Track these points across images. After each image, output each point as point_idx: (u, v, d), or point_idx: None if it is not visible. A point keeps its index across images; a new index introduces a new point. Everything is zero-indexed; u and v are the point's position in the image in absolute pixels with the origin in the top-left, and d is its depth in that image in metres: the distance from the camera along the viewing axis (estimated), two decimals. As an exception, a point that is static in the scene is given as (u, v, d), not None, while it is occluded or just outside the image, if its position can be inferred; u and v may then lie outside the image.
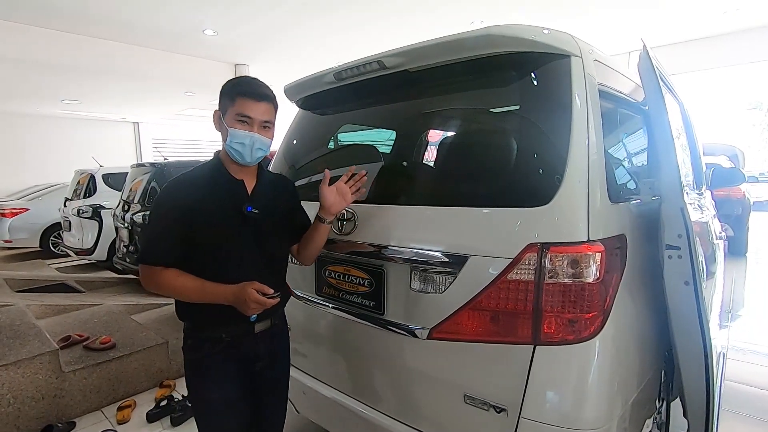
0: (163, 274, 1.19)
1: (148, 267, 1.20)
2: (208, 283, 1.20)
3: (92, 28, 6.32)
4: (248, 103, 1.20)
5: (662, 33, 7.67)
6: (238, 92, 1.21)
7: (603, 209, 1.12)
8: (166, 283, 1.19)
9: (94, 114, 11.70)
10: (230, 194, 1.25)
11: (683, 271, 1.22)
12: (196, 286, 1.20)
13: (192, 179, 1.26)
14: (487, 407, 1.16)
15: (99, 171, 6.45)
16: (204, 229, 1.20)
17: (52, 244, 7.64)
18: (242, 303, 1.16)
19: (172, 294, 1.22)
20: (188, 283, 1.20)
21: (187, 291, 1.20)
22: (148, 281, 1.22)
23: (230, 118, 1.21)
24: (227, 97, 1.23)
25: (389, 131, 2.00)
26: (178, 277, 1.20)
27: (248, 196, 1.28)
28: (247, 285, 1.16)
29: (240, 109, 1.20)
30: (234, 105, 1.20)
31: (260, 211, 1.25)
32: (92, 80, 7.81)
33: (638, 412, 1.28)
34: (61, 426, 2.30)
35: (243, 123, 1.20)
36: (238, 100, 1.20)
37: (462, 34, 1.26)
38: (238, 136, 1.21)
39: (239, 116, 1.20)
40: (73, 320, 3.38)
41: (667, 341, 1.38)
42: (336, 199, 1.34)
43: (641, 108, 1.65)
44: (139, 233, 4.73)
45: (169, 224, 1.19)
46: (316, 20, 6.38)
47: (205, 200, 1.21)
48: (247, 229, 1.26)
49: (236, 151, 1.22)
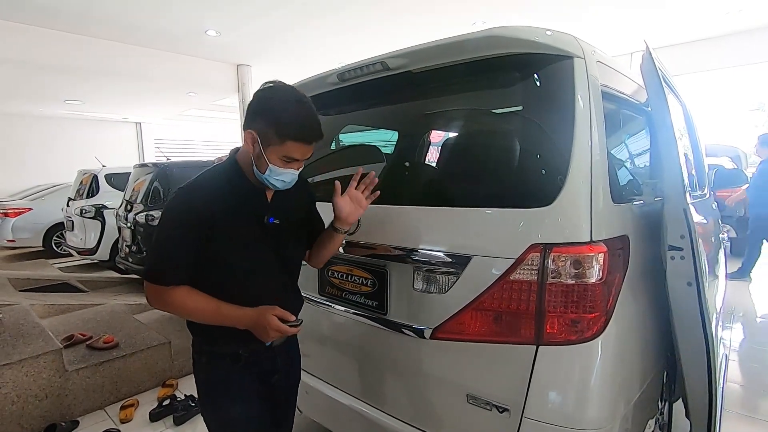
0: (174, 293, 1.08)
1: (155, 287, 1.08)
2: (224, 305, 1.10)
3: (95, 28, 6.35)
4: (300, 148, 1.08)
5: (665, 34, 7.66)
6: (291, 135, 1.05)
7: (606, 210, 1.12)
8: (176, 303, 1.08)
9: (96, 114, 11.74)
10: (250, 203, 1.15)
11: (686, 272, 1.22)
12: (210, 308, 1.09)
13: (208, 186, 1.12)
14: (490, 407, 1.16)
15: (102, 171, 6.48)
16: (223, 243, 1.08)
17: (54, 244, 7.67)
18: (261, 330, 1.09)
19: (183, 315, 1.11)
20: (202, 303, 1.09)
21: (201, 313, 1.10)
22: (156, 300, 1.10)
23: (274, 155, 1.07)
24: (275, 131, 1.05)
25: (392, 132, 2.01)
26: (190, 296, 1.09)
27: (269, 204, 1.18)
28: (267, 311, 1.08)
29: (289, 153, 1.07)
30: (283, 146, 1.06)
31: (281, 221, 1.17)
32: (95, 81, 7.83)
33: (640, 412, 1.28)
34: (64, 425, 2.31)
35: (288, 163, 1.09)
36: (290, 144, 1.06)
37: (465, 35, 1.26)
38: (280, 174, 1.10)
39: (286, 158, 1.08)
40: (76, 320, 3.39)
41: (669, 342, 1.38)
42: (351, 208, 1.26)
43: (644, 109, 1.65)
44: (141, 233, 4.75)
45: (183, 238, 1.06)
46: (318, 21, 6.40)
47: (224, 210, 1.08)
48: (267, 241, 1.16)
49: (272, 184, 1.11)
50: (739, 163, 6.40)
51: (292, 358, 1.37)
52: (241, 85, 8.74)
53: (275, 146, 1.06)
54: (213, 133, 14.94)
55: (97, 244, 5.97)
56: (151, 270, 1.08)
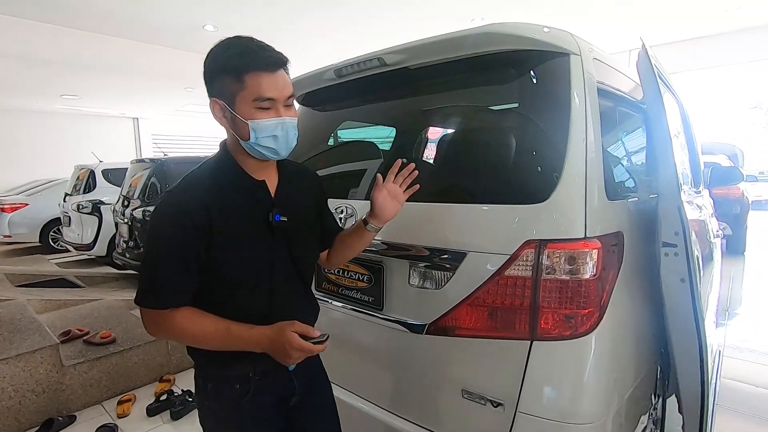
0: (173, 318, 0.91)
1: (150, 312, 0.92)
2: (234, 325, 0.92)
3: (92, 23, 6.30)
4: (264, 80, 0.88)
5: (663, 31, 7.66)
6: (245, 67, 0.87)
7: (600, 207, 1.13)
8: (177, 328, 0.91)
9: (93, 109, 11.68)
10: (252, 201, 0.98)
11: (679, 269, 1.23)
12: (218, 330, 0.92)
13: (200, 185, 0.95)
14: (485, 402, 1.17)
15: (99, 166, 6.46)
16: (224, 249, 0.92)
17: (51, 240, 7.65)
18: (281, 351, 0.90)
19: (186, 342, 0.95)
20: (208, 326, 0.92)
21: (208, 338, 0.92)
22: (153, 327, 0.93)
23: (244, 106, 0.89)
24: (229, 76, 0.88)
25: (389, 128, 2.01)
26: (193, 319, 0.92)
27: (272, 199, 1.01)
28: (287, 327, 0.90)
29: (257, 92, 0.88)
30: (245, 87, 0.88)
31: (288, 218, 0.99)
32: (92, 76, 7.79)
33: (634, 407, 1.29)
34: (61, 419, 2.31)
35: (265, 110, 0.90)
36: (250, 79, 0.87)
37: (462, 31, 1.26)
38: (265, 128, 0.90)
39: (258, 101, 0.88)
40: (73, 315, 3.39)
41: (663, 338, 1.39)
42: (389, 203, 1.11)
43: (640, 106, 1.66)
44: (139, 229, 4.74)
45: (176, 250, 0.89)
46: (316, 17, 6.38)
47: (221, 211, 0.91)
48: (276, 243, 0.99)
49: (268, 148, 0.93)
50: (736, 161, 6.43)
51: (313, 376, 1.16)
52: (238, 80, 8.71)
53: (239, 93, 0.88)
54: (211, 128, 14.87)
55: (94, 239, 5.97)
56: (142, 292, 0.90)
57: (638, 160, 1.73)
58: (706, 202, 2.51)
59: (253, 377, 1.00)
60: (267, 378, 1.02)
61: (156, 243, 0.92)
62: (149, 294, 0.91)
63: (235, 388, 1.00)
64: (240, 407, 1.01)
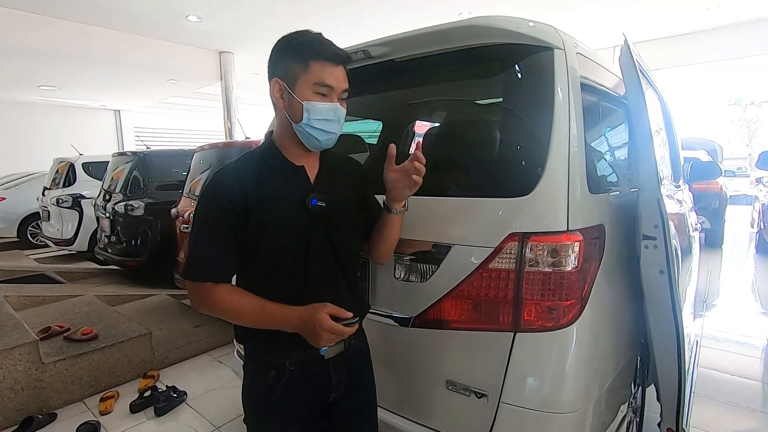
0: (215, 292, 0.96)
1: (195, 284, 0.97)
2: (269, 303, 0.96)
3: (70, 11, 6.12)
4: (327, 69, 0.95)
5: (646, 28, 7.78)
6: (312, 54, 0.94)
7: (583, 200, 1.14)
8: (218, 302, 0.96)
9: (73, 101, 11.38)
10: (290, 185, 1.01)
11: (658, 261, 1.26)
12: (254, 307, 0.96)
13: (242, 168, 1.01)
14: (469, 393, 1.18)
15: (79, 159, 6.30)
16: (262, 231, 0.96)
17: (30, 235, 7.45)
18: (311, 332, 0.93)
19: (226, 316, 0.99)
20: (245, 302, 0.97)
21: (243, 313, 0.97)
22: (198, 301, 0.99)
23: (304, 88, 0.95)
24: (295, 59, 0.95)
25: (376, 122, 2.00)
26: (232, 295, 0.97)
27: (311, 185, 1.03)
28: (319, 309, 0.93)
29: (319, 77, 0.94)
30: (308, 71, 0.94)
31: (327, 204, 1.01)
32: (71, 66, 7.58)
33: (614, 396, 1.32)
34: (41, 417, 2.27)
35: (322, 95, 0.96)
36: (314, 66, 0.94)
37: (447, 24, 1.26)
38: (319, 110, 0.95)
39: (318, 86, 0.95)
40: (53, 311, 3.32)
41: (643, 328, 1.43)
42: (403, 181, 1.05)
43: (623, 102, 1.68)
44: (121, 223, 4.65)
45: (216, 226, 0.95)
46: (301, 8, 6.30)
47: (259, 193, 0.96)
48: (315, 228, 1.01)
49: (317, 130, 0.97)
50: (715, 156, 6.59)
51: (356, 372, 1.14)
52: (223, 72, 8.57)
53: (302, 76, 0.95)
54: (195, 121, 14.65)
55: (75, 234, 5.84)
56: (186, 266, 0.97)
57: (620, 155, 1.76)
58: (686, 196, 2.57)
59: (288, 366, 1.03)
60: (302, 369, 1.04)
61: (196, 220, 0.99)
62: (190, 267, 0.97)
63: (270, 374, 1.04)
64: (272, 395, 1.03)
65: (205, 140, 4.61)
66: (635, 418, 1.69)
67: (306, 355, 1.02)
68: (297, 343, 0.98)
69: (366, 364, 1.20)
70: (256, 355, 1.08)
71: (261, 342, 1.04)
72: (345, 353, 1.08)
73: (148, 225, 4.40)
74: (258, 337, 1.03)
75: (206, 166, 3.82)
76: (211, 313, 0.99)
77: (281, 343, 1.00)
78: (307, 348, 0.99)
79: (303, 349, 0.99)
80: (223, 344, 3.17)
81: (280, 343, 1.00)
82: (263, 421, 1.07)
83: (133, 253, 4.52)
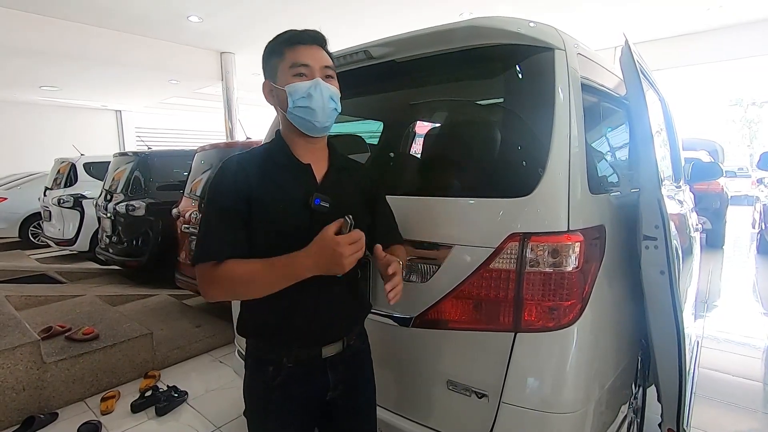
0: (223, 267, 0.93)
1: (203, 268, 0.95)
2: (276, 258, 0.91)
3: (71, 12, 6.14)
4: (301, 50, 0.97)
5: (647, 29, 7.78)
6: (284, 43, 0.98)
7: (583, 200, 1.14)
8: (225, 275, 0.93)
9: (74, 101, 11.39)
10: (294, 182, 1.00)
11: (659, 261, 1.26)
12: (265, 266, 0.91)
13: (249, 158, 1.01)
14: (469, 393, 1.18)
15: (80, 160, 6.31)
16: (262, 222, 0.96)
17: (31, 235, 7.46)
18: (331, 257, 0.87)
19: (238, 288, 0.95)
20: (253, 265, 0.93)
21: (254, 276, 0.92)
22: (206, 282, 0.95)
23: (283, 74, 0.97)
24: (273, 55, 0.99)
25: (377, 122, 2.01)
26: (239, 264, 0.94)
27: (316, 184, 1.02)
28: (324, 236, 0.88)
29: (293, 59, 0.96)
30: (284, 58, 0.97)
31: (331, 205, 0.98)
32: (72, 66, 7.59)
33: (614, 396, 1.32)
34: (43, 417, 2.27)
35: (300, 76, 0.96)
36: (287, 52, 0.97)
37: (448, 25, 1.26)
38: (299, 89, 0.95)
39: (294, 67, 0.96)
40: (54, 311, 3.33)
41: (643, 329, 1.43)
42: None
43: (624, 102, 1.68)
44: (122, 223, 4.66)
45: (223, 210, 0.96)
46: (300, 9, 6.31)
47: (261, 185, 0.97)
48: (316, 228, 0.95)
49: (305, 109, 0.96)
50: (716, 156, 6.58)
51: (355, 373, 1.13)
52: (224, 73, 8.58)
53: (280, 66, 0.97)
54: (196, 122, 14.66)
55: (76, 234, 5.85)
56: (198, 249, 0.96)
57: (621, 155, 1.76)
58: (687, 197, 2.57)
59: (286, 363, 1.03)
60: (300, 367, 1.04)
61: (206, 207, 0.99)
62: (200, 248, 0.96)
63: (268, 370, 1.04)
64: (270, 391, 1.04)
65: (206, 140, 4.62)
66: (636, 418, 1.69)
67: (304, 354, 1.03)
68: (296, 341, 1.00)
69: (366, 364, 1.19)
70: (255, 350, 1.09)
71: (261, 337, 1.06)
72: (344, 353, 1.08)
73: (149, 225, 4.41)
74: (258, 332, 1.05)
75: (207, 167, 3.83)
76: (223, 293, 0.96)
77: (281, 340, 1.02)
78: (305, 346, 1.02)
79: (302, 347, 1.02)
80: (223, 344, 3.17)
81: (279, 340, 1.02)
82: (262, 416, 1.08)
83: (134, 253, 4.53)
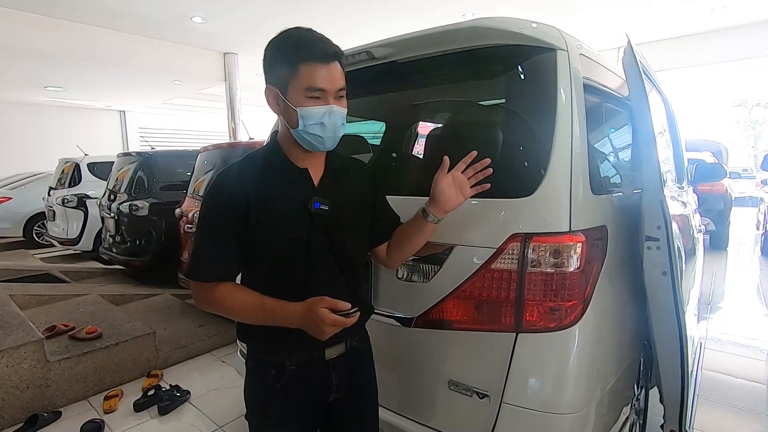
0: (217, 291, 0.96)
1: (196, 285, 0.98)
2: (268, 300, 0.95)
3: (77, 13, 6.17)
4: (317, 71, 0.91)
5: (651, 29, 7.75)
6: (300, 57, 0.91)
7: (585, 201, 1.14)
8: (218, 300, 0.97)
9: (78, 102, 11.45)
10: (292, 187, 0.99)
11: (661, 262, 1.25)
12: (254, 304, 0.96)
13: (245, 168, 1.00)
14: (471, 393, 1.18)
15: (84, 160, 6.34)
16: (261, 232, 0.96)
17: (35, 234, 7.51)
18: (313, 326, 0.91)
19: (228, 314, 0.99)
20: (245, 300, 0.96)
21: (244, 310, 0.97)
22: (201, 300, 0.99)
23: (296, 94, 0.92)
24: (284, 65, 0.92)
25: (379, 123, 2.01)
26: (233, 293, 0.97)
27: (314, 188, 1.01)
28: (316, 303, 0.91)
29: (309, 81, 0.91)
30: (297, 76, 0.91)
31: (330, 208, 0.99)
32: (76, 67, 7.64)
33: (616, 398, 1.32)
34: (46, 415, 2.28)
35: (315, 99, 0.93)
36: (303, 69, 0.91)
37: (450, 25, 1.27)
38: (313, 115, 0.92)
39: (309, 91, 0.92)
40: (58, 310, 3.35)
41: (646, 330, 1.42)
42: (452, 192, 1.05)
43: (626, 103, 1.68)
44: (125, 223, 4.68)
45: (218, 227, 0.96)
46: (305, 9, 6.32)
47: (259, 194, 0.96)
48: (316, 231, 0.99)
49: (314, 136, 0.95)
50: (720, 157, 6.54)
51: (357, 375, 1.13)
52: (227, 73, 8.61)
53: (293, 82, 0.92)
54: (199, 122, 14.71)
55: (80, 234, 5.88)
56: (189, 266, 0.98)
57: (623, 156, 1.75)
58: (690, 198, 2.56)
59: (289, 366, 1.02)
60: (302, 370, 1.03)
61: (200, 220, 1.00)
62: (194, 267, 0.97)
63: (271, 373, 1.03)
64: (272, 394, 1.03)
65: (210, 141, 4.63)
66: (638, 420, 1.69)
67: (307, 356, 1.03)
68: (298, 344, 0.99)
69: (368, 366, 1.19)
70: (257, 353, 1.08)
71: (262, 341, 1.05)
72: (346, 354, 1.08)
73: (152, 225, 4.43)
74: (259, 337, 1.04)
75: (210, 167, 3.84)
76: (213, 311, 1.00)
77: (282, 343, 1.01)
78: (308, 349, 1.01)
79: (304, 350, 1.01)
80: (226, 344, 3.18)
81: (281, 343, 1.01)
82: (263, 419, 1.07)
83: (138, 252, 4.55)
